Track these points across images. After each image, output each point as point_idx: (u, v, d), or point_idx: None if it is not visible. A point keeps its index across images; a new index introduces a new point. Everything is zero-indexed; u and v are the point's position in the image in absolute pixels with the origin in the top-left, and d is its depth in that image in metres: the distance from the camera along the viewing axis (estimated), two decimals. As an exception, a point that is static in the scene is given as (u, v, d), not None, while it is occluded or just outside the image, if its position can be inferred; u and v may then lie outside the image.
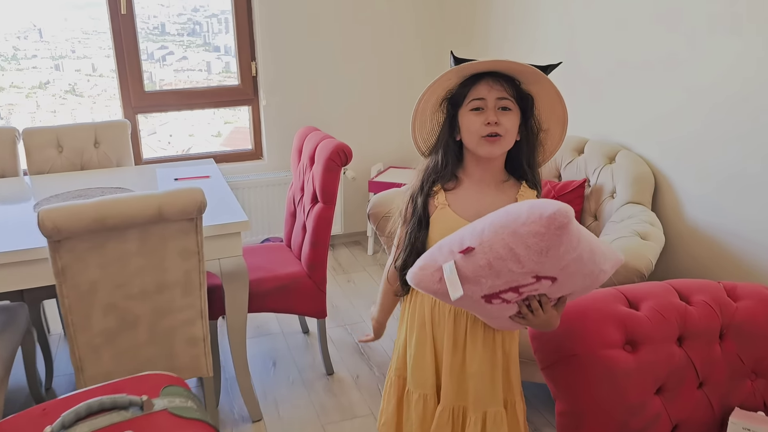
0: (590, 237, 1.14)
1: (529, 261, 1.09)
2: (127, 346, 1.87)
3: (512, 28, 3.03)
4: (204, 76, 3.46)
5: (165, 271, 1.82)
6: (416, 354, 1.44)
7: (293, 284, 2.28)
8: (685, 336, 1.47)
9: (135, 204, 1.66)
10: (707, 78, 2.05)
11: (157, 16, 3.32)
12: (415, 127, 1.37)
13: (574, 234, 1.07)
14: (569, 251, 1.08)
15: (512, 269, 1.11)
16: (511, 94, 1.28)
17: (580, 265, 1.12)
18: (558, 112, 1.31)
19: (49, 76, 3.25)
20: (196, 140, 3.64)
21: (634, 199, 2.21)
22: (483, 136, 1.28)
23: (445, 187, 1.37)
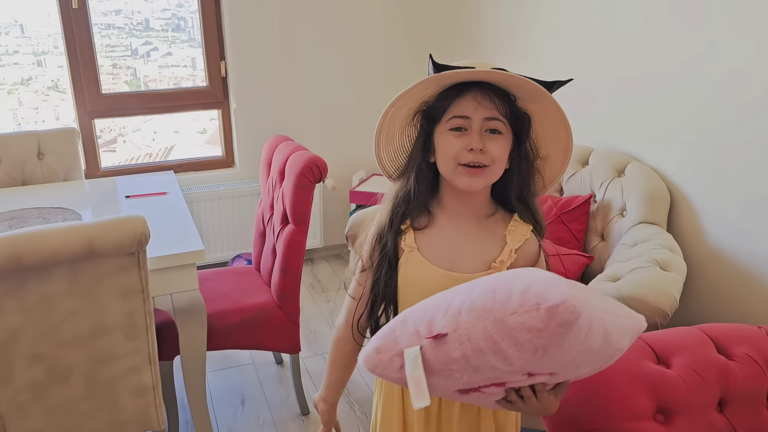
0: (604, 317, 0.85)
1: (520, 359, 0.82)
2: (59, 401, 1.58)
3: (504, 29, 2.76)
4: (189, 72, 3.30)
5: (102, 314, 1.53)
6: (384, 407, 1.18)
7: (261, 317, 2.00)
8: (728, 400, 1.21)
9: (58, 238, 1.37)
10: (731, 79, 1.79)
11: (141, 12, 3.19)
12: (380, 144, 1.09)
13: (584, 327, 0.79)
14: (575, 346, 0.81)
15: (496, 366, 0.84)
16: (503, 113, 1.00)
17: (589, 355, 0.85)
18: (561, 138, 1.04)
19: (31, 72, 3.11)
20: (180, 137, 3.52)
21: (647, 218, 1.95)
22: (462, 163, 1.01)
23: (414, 225, 1.09)
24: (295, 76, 3.15)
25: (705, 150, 1.90)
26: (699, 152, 1.92)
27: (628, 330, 0.91)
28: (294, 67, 3.13)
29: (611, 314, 0.87)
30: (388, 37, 3.27)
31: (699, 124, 1.90)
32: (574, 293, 0.80)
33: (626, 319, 0.92)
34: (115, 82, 3.23)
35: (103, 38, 3.09)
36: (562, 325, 0.78)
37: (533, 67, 2.55)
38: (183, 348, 1.78)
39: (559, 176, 1.08)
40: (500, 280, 0.88)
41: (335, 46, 3.18)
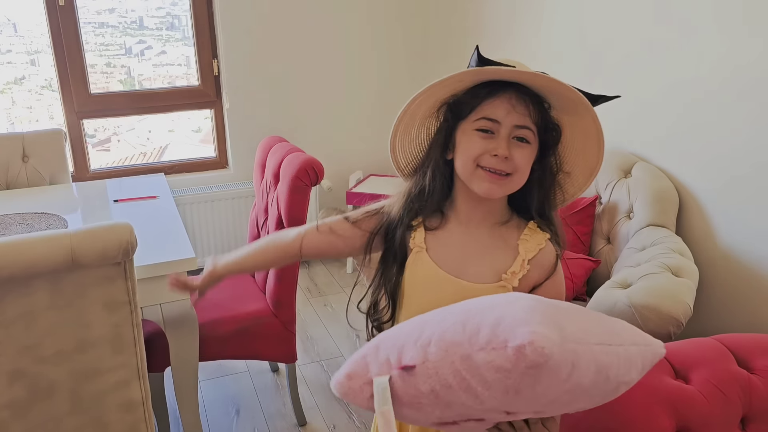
0: (596, 349, 0.75)
1: (491, 399, 0.74)
2: (43, 419, 1.50)
3: (507, 29, 2.68)
4: (183, 70, 3.24)
5: (87, 327, 1.45)
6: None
7: (256, 325, 1.92)
8: (750, 417, 1.14)
9: (37, 248, 1.29)
10: (740, 77, 1.71)
11: (135, 10, 3.15)
12: (396, 135, 1.03)
13: (563, 366, 0.71)
14: (555, 386, 0.73)
15: (467, 403, 0.76)
16: (535, 121, 0.94)
17: (579, 393, 0.76)
18: (590, 156, 0.98)
19: (24, 71, 3.08)
20: (175, 136, 3.47)
21: (655, 220, 1.88)
22: (483, 166, 0.94)
23: (426, 224, 1.03)
24: (290, 75, 3.07)
25: (714, 148, 1.83)
26: (708, 151, 1.85)
27: (637, 359, 0.82)
28: (288, 66, 3.05)
29: (610, 345, 0.78)
30: (383, 35, 3.19)
31: (708, 122, 1.83)
32: (547, 332, 0.70)
33: (635, 347, 0.83)
34: (109, 81, 3.17)
35: (97, 37, 3.04)
36: (531, 367, 0.70)
37: (541, 64, 2.47)
38: (174, 360, 1.70)
39: (580, 193, 1.01)
40: (474, 309, 0.81)
41: (330, 43, 3.10)
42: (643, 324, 1.47)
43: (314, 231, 1.13)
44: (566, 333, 0.73)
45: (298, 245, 1.13)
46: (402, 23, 3.20)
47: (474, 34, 2.90)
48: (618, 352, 0.79)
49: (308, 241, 1.13)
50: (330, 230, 1.12)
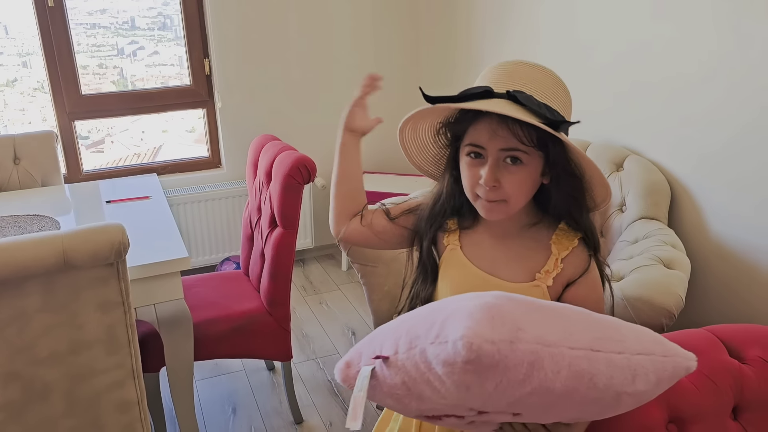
0: (572, 354, 0.74)
1: (450, 394, 0.74)
2: (38, 421, 1.50)
3: (497, 25, 2.68)
4: (176, 70, 3.23)
5: (80, 329, 1.45)
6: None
7: (251, 324, 1.93)
8: (743, 407, 1.15)
9: (30, 251, 1.29)
10: (731, 68, 1.72)
11: (127, 11, 3.14)
12: (412, 157, 1.06)
13: (516, 367, 0.70)
14: (511, 386, 0.72)
15: (432, 398, 0.76)
16: (525, 140, 0.90)
17: (556, 398, 0.75)
18: (591, 169, 0.94)
19: (16, 73, 3.07)
20: (169, 136, 3.46)
21: (647, 213, 1.89)
22: (478, 194, 0.95)
23: (461, 225, 1.05)
24: (282, 73, 3.07)
25: (706, 142, 1.83)
26: (700, 144, 1.86)
27: (646, 370, 0.79)
28: (280, 64, 3.05)
29: (600, 352, 0.76)
30: (375, 33, 3.18)
31: (699, 116, 1.84)
32: (481, 330, 0.69)
33: (642, 357, 0.79)
34: (101, 82, 3.16)
35: (89, 38, 3.03)
36: (467, 363, 0.69)
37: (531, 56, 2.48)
38: (168, 360, 1.70)
39: (605, 203, 0.98)
40: (440, 305, 0.81)
41: (322, 41, 3.10)
42: (636, 316, 1.48)
43: (382, 214, 1.12)
44: (524, 334, 0.72)
45: (362, 219, 1.12)
46: (393, 22, 3.20)
47: (465, 34, 2.90)
48: (612, 360, 0.77)
49: (351, 229, 1.13)
50: (370, 225, 1.12)
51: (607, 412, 0.83)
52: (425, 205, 1.09)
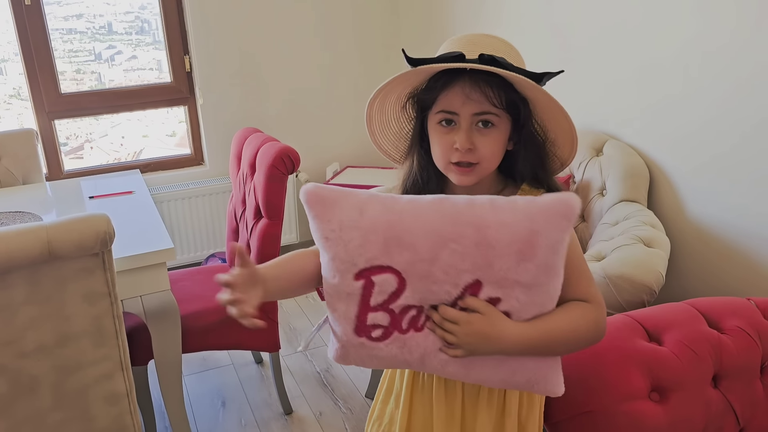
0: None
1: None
2: (26, 415, 1.49)
3: (479, 7, 2.71)
4: (155, 74, 3.19)
5: (67, 321, 1.44)
6: (379, 410, 1.14)
7: (238, 315, 1.93)
8: (722, 375, 1.18)
9: (13, 241, 1.28)
10: (705, 53, 1.76)
11: (104, 15, 3.08)
12: (374, 133, 1.05)
13: (328, 201, 0.91)
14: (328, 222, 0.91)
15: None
16: (496, 103, 0.92)
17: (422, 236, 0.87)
18: (562, 124, 0.96)
19: None
20: (150, 141, 3.38)
21: (627, 196, 1.93)
22: (452, 161, 0.96)
23: None
24: (263, 69, 3.07)
25: (683, 126, 1.87)
26: (677, 128, 1.89)
27: (516, 204, 0.86)
28: (261, 60, 3.05)
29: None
30: (355, 26, 3.20)
31: (676, 101, 1.88)
32: (313, 188, 0.92)
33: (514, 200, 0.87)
34: (79, 87, 3.11)
35: (65, 43, 2.99)
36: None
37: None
38: (157, 352, 1.70)
39: (571, 159, 1.00)
40: None
41: (302, 35, 3.10)
42: (618, 294, 1.51)
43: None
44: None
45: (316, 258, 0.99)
46: (373, 13, 3.21)
47: (445, 18, 2.92)
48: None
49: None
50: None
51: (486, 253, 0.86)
52: (396, 189, 1.08)
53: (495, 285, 0.87)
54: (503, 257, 0.85)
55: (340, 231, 0.90)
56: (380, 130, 1.06)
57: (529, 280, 0.87)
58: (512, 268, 0.86)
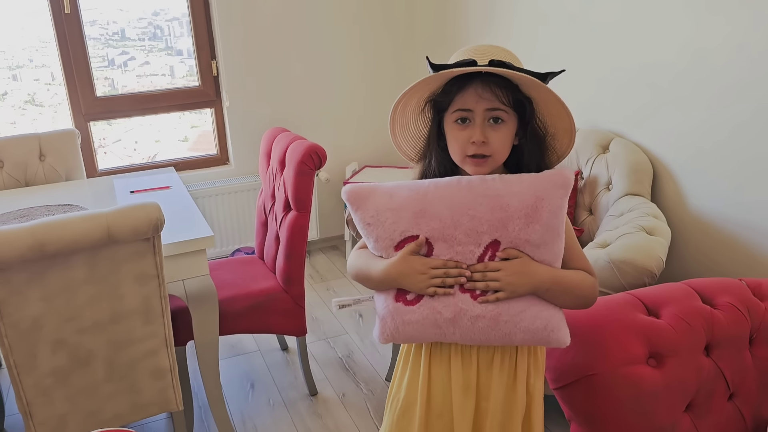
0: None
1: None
2: (82, 386, 1.64)
3: (492, 13, 2.85)
4: (168, 80, 3.31)
5: (120, 299, 1.60)
6: (406, 398, 1.22)
7: (269, 301, 2.08)
8: (713, 344, 1.31)
9: (79, 226, 1.44)
10: (705, 56, 1.89)
11: (117, 22, 3.17)
12: (396, 134, 1.18)
13: (363, 194, 1.12)
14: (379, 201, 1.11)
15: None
16: (505, 101, 1.07)
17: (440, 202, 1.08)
18: (564, 120, 1.10)
19: (6, 86, 3.09)
20: (162, 146, 3.48)
21: (632, 190, 2.06)
22: (468, 155, 1.10)
23: None
24: (285, 73, 3.22)
25: (684, 124, 2.00)
26: (678, 126, 2.02)
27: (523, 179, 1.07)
28: (283, 64, 3.21)
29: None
30: (372, 31, 3.35)
31: (677, 101, 2.01)
32: (351, 187, 1.13)
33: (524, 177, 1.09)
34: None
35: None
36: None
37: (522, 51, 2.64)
38: (196, 332, 1.85)
39: (568, 152, 1.15)
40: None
41: (322, 40, 3.26)
42: (621, 277, 1.64)
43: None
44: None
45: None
46: (388, 18, 3.36)
47: (459, 21, 3.07)
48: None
49: None
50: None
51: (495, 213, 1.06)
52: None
53: (510, 243, 1.06)
54: (514, 219, 1.04)
55: (377, 215, 1.09)
56: (401, 132, 1.19)
57: (537, 239, 1.05)
58: (523, 228, 1.05)
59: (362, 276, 1.15)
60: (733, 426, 1.32)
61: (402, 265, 1.08)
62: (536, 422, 1.20)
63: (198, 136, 3.56)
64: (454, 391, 1.17)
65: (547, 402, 2.14)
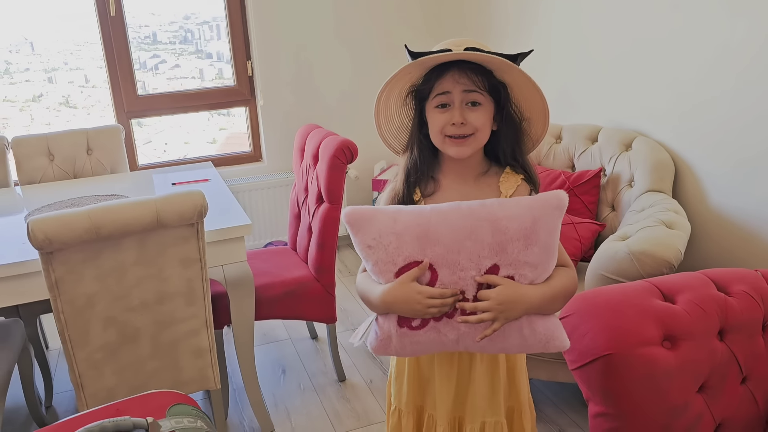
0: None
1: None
2: (129, 361, 1.76)
3: (513, 13, 2.93)
4: (197, 83, 3.41)
5: (165, 281, 1.71)
6: (397, 367, 1.34)
7: (301, 289, 2.18)
8: (727, 329, 1.37)
9: (131, 211, 1.56)
10: (723, 55, 1.95)
11: (149, 25, 3.28)
12: (380, 126, 1.26)
13: (366, 217, 1.12)
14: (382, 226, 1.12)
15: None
16: (480, 86, 1.14)
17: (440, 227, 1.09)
18: (537, 102, 1.16)
19: (42, 88, 3.21)
20: (191, 147, 3.59)
21: (654, 187, 2.11)
22: (448, 135, 1.17)
23: (424, 194, 1.24)
24: (315, 74, 3.34)
25: (704, 120, 2.05)
26: (699, 123, 2.08)
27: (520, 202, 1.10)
28: (314, 65, 3.32)
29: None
30: (408, 29, 3.44)
31: (699, 100, 2.06)
32: (351, 209, 1.12)
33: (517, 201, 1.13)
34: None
35: None
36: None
37: (540, 52, 2.71)
38: (234, 315, 1.96)
39: (543, 136, 1.22)
40: None
41: (349, 42, 3.36)
42: (640, 267, 1.70)
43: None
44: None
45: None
46: (421, 20, 3.46)
47: (492, 25, 3.14)
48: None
49: None
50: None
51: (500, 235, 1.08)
52: (396, 186, 1.26)
53: (509, 266, 1.09)
54: (514, 242, 1.07)
55: (379, 238, 1.10)
56: (385, 124, 1.27)
57: (534, 260, 1.09)
58: (522, 250, 1.08)
59: (365, 299, 1.19)
60: (745, 408, 1.38)
61: (399, 291, 1.10)
62: (521, 382, 1.31)
63: (226, 138, 3.67)
64: (437, 363, 1.28)
65: (566, 389, 2.22)
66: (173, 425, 1.08)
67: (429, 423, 1.33)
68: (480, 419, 1.28)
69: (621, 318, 1.33)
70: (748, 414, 1.39)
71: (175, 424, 1.08)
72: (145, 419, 1.06)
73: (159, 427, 1.06)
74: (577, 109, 2.59)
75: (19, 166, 2.51)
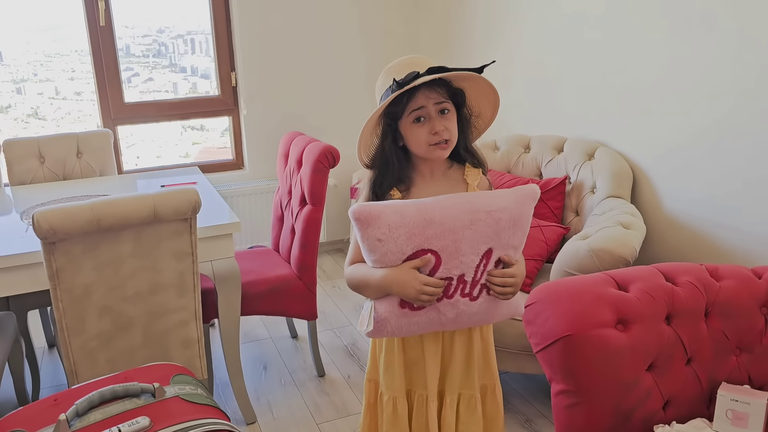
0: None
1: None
2: (121, 349, 1.86)
3: (483, 28, 3.11)
4: (170, 96, 3.45)
5: (159, 273, 1.82)
6: (386, 358, 1.47)
7: (284, 286, 2.30)
8: (673, 315, 1.53)
9: (130, 204, 1.67)
10: (676, 71, 2.14)
11: (122, 38, 3.30)
12: (360, 149, 1.39)
13: (374, 213, 1.24)
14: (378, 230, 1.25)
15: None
16: (447, 96, 1.33)
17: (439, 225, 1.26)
18: (490, 97, 1.37)
19: (10, 100, 3.19)
20: (163, 161, 3.60)
21: (614, 193, 2.29)
22: (432, 144, 1.33)
23: (400, 189, 1.39)
24: (297, 86, 3.48)
25: (661, 136, 2.24)
26: (656, 137, 2.26)
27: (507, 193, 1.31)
28: (295, 78, 3.46)
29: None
30: (384, 40, 3.61)
31: (655, 115, 2.25)
32: (360, 207, 1.24)
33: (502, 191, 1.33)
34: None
35: (84, 65, 3.15)
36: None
37: (516, 68, 2.89)
38: (221, 308, 2.07)
39: (487, 127, 1.43)
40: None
41: (328, 57, 3.51)
42: (600, 264, 1.86)
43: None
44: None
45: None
46: (398, 31, 3.63)
47: (462, 36, 3.32)
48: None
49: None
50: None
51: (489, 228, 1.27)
52: (366, 194, 1.41)
53: (500, 249, 1.30)
54: (506, 229, 1.28)
55: (389, 231, 1.24)
56: (363, 143, 1.40)
57: (517, 243, 1.31)
58: (511, 236, 1.29)
59: (362, 285, 1.32)
60: (689, 386, 1.53)
61: (398, 274, 1.25)
62: (492, 361, 1.50)
63: (199, 152, 3.75)
64: (425, 341, 1.42)
65: (533, 382, 2.36)
66: (177, 391, 1.19)
67: (419, 402, 1.46)
68: (457, 391, 1.44)
69: (579, 303, 1.48)
70: (693, 392, 1.54)
71: (178, 390, 1.20)
72: (151, 384, 1.17)
73: (164, 392, 1.17)
74: (544, 121, 2.77)
75: (10, 168, 2.59)
